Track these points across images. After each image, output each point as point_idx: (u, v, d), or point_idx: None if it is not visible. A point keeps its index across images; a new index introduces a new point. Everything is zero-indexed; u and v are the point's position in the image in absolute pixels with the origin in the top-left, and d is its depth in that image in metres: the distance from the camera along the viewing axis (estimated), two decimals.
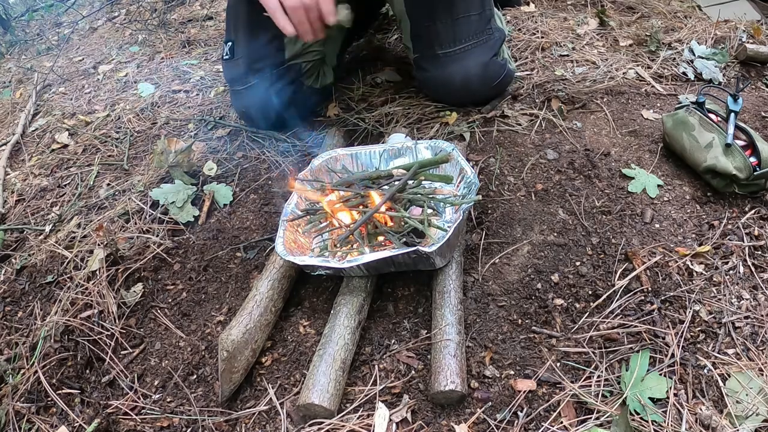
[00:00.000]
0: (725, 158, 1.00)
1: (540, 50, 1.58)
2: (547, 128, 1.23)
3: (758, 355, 0.79)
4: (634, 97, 1.34)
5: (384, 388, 0.81)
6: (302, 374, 0.85)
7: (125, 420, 0.85)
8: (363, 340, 0.88)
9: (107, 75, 2.08)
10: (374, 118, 1.35)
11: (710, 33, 1.60)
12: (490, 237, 1.01)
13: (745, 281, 0.90)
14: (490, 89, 1.29)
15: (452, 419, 0.76)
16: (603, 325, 0.85)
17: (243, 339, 0.82)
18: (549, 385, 0.79)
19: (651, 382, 0.76)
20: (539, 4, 1.95)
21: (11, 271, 1.14)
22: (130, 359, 0.95)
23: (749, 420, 0.71)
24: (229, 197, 1.21)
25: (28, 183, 1.45)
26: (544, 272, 0.94)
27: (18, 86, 2.23)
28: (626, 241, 0.97)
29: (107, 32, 2.67)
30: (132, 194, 1.26)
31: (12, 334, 1.01)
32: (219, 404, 0.84)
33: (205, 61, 1.99)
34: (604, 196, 1.06)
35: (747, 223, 0.99)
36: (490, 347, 0.84)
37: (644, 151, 1.16)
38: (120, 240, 1.13)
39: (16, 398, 0.89)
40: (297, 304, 0.96)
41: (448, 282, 0.88)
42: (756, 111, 1.28)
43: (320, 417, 0.76)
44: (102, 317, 0.99)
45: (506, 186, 1.10)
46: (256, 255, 1.07)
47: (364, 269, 0.87)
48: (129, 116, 1.66)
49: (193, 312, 1.00)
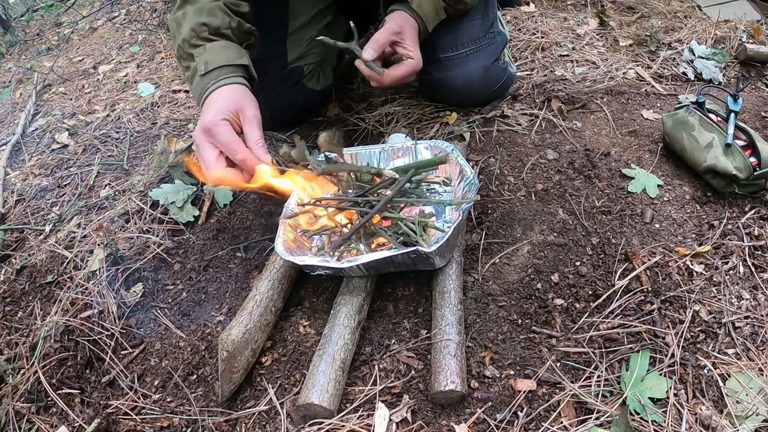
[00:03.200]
0: (725, 158, 1.00)
1: (540, 50, 1.58)
2: (547, 128, 1.23)
3: (758, 355, 0.79)
4: (634, 97, 1.34)
5: (384, 388, 0.81)
6: (302, 374, 0.85)
7: (125, 420, 0.85)
8: (363, 340, 0.88)
9: (107, 75, 2.09)
10: (374, 118, 1.35)
11: (710, 33, 1.60)
12: (490, 237, 1.01)
13: (745, 281, 0.90)
14: (492, 92, 1.29)
15: (452, 419, 0.76)
16: (603, 325, 0.85)
17: (243, 339, 0.82)
18: (549, 385, 0.79)
19: (651, 382, 0.76)
20: (539, 4, 1.95)
21: (11, 271, 1.14)
22: (130, 359, 0.95)
23: (749, 420, 0.71)
24: (229, 197, 1.21)
25: (28, 183, 1.45)
26: (544, 272, 0.94)
27: (18, 86, 2.23)
28: (626, 241, 0.97)
29: (107, 32, 2.67)
30: (132, 194, 1.26)
31: (12, 334, 1.01)
32: (219, 404, 0.84)
33: None
34: (604, 196, 1.06)
35: (747, 223, 0.99)
36: (490, 347, 0.84)
37: (644, 151, 1.16)
38: (120, 240, 1.13)
39: (16, 398, 0.89)
40: (297, 304, 0.96)
41: (448, 282, 0.88)
42: (756, 111, 1.28)
43: (320, 417, 0.76)
44: (102, 317, 0.99)
45: (506, 186, 1.10)
46: (256, 255, 1.07)
47: (364, 269, 0.87)
48: (129, 116, 1.66)
49: (193, 312, 1.00)
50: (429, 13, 1.10)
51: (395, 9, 1.10)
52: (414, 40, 1.07)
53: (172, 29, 1.01)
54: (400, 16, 1.08)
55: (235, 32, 1.01)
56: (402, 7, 1.09)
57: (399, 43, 1.07)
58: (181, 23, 0.98)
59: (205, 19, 0.96)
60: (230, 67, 0.96)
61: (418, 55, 1.07)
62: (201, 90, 0.95)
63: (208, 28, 0.97)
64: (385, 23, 1.07)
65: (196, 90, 0.97)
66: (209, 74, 0.95)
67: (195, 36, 0.96)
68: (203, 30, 0.96)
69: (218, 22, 0.98)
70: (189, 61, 0.98)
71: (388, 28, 1.05)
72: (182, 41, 0.97)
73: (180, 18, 0.98)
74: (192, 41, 0.97)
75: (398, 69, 1.06)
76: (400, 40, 1.06)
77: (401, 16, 1.08)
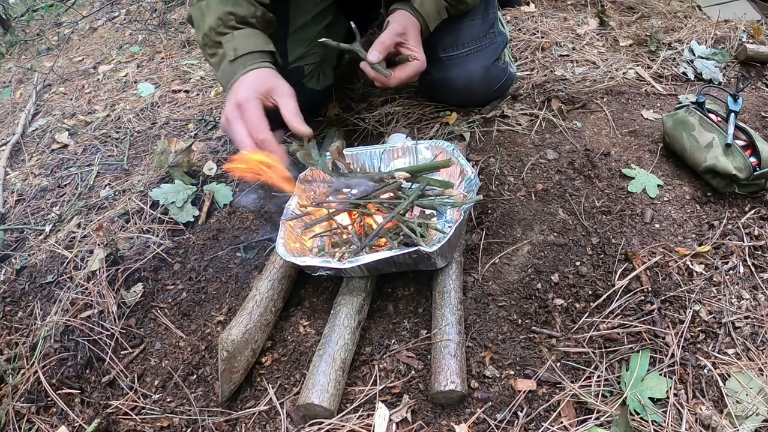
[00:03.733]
0: (725, 158, 1.00)
1: (540, 50, 1.58)
2: (547, 128, 1.23)
3: (758, 355, 0.79)
4: (634, 97, 1.34)
5: (384, 388, 0.81)
6: (302, 374, 0.85)
7: (125, 420, 0.85)
8: (363, 340, 0.88)
9: (107, 75, 2.09)
10: (374, 118, 1.35)
11: (710, 33, 1.60)
12: (490, 237, 1.01)
13: (745, 281, 0.90)
14: (492, 92, 1.30)
15: (452, 419, 0.76)
16: (603, 325, 0.85)
17: (243, 339, 0.82)
18: (549, 385, 0.79)
19: (651, 382, 0.76)
20: (539, 4, 1.95)
21: (11, 271, 1.14)
22: (130, 359, 0.95)
23: (749, 420, 0.71)
24: (229, 197, 1.21)
25: (28, 183, 1.45)
26: (544, 272, 0.94)
27: (18, 86, 2.23)
28: (626, 241, 0.97)
29: (107, 32, 2.67)
30: (132, 194, 1.26)
31: (12, 334, 1.01)
32: (219, 404, 0.84)
33: (205, 61, 1.99)
34: (604, 196, 1.06)
35: (747, 223, 0.99)
36: (490, 347, 0.84)
37: (644, 151, 1.16)
38: (120, 240, 1.13)
39: (16, 398, 0.89)
40: (297, 304, 0.96)
41: (448, 282, 0.88)
42: (756, 111, 1.28)
43: (320, 417, 0.76)
44: (102, 317, 0.99)
45: (506, 186, 1.10)
46: (256, 255, 1.07)
47: (365, 269, 0.87)
48: (129, 116, 1.66)
49: (193, 312, 1.00)
50: (431, 13, 1.10)
51: (397, 8, 1.10)
52: (417, 41, 1.08)
53: (195, 18, 1.05)
54: (403, 16, 1.08)
55: (260, 21, 1.05)
56: (404, 6, 1.09)
57: (403, 43, 1.07)
58: (206, 12, 1.02)
59: (232, 9, 1.01)
60: (259, 53, 1.00)
61: (422, 56, 1.08)
62: (230, 74, 0.99)
63: (235, 17, 1.01)
64: (389, 24, 1.07)
65: (225, 75, 1.01)
66: (239, 60, 0.99)
67: (222, 24, 1.00)
68: (230, 19, 1.00)
69: (244, 11, 1.02)
70: (215, 48, 1.02)
71: (393, 30, 1.05)
72: (208, 29, 1.01)
73: (204, 7, 1.02)
74: (219, 29, 1.01)
75: (404, 70, 1.07)
76: (404, 41, 1.07)
77: (404, 15, 1.08)
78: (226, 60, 1.00)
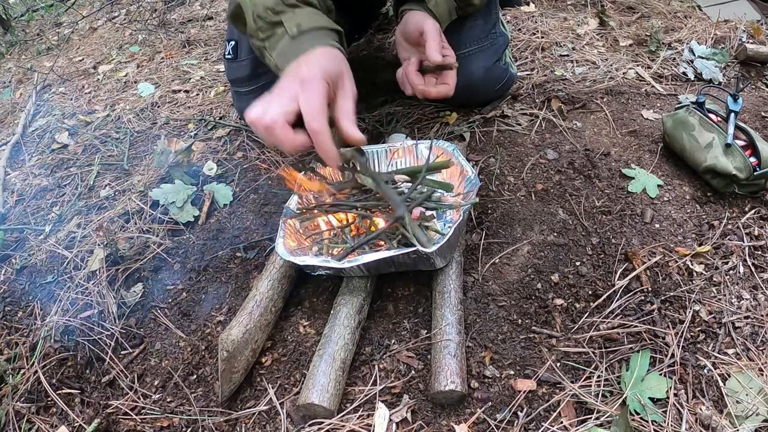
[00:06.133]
0: (725, 158, 1.00)
1: (540, 50, 1.58)
2: (547, 128, 1.23)
3: (758, 355, 0.79)
4: (634, 97, 1.34)
5: (384, 388, 0.81)
6: (302, 374, 0.85)
7: (125, 420, 0.85)
8: (363, 340, 0.88)
9: (107, 75, 2.09)
10: (374, 118, 1.34)
11: (710, 33, 1.60)
12: (490, 237, 1.01)
13: (745, 281, 0.90)
14: (493, 93, 1.29)
15: (452, 419, 0.76)
16: (603, 325, 0.85)
17: (243, 339, 0.82)
18: (549, 385, 0.79)
19: (651, 382, 0.76)
20: (539, 4, 1.95)
21: (11, 271, 1.14)
22: (130, 359, 0.95)
23: (749, 420, 0.71)
24: (229, 197, 1.21)
25: (28, 183, 1.45)
26: (544, 272, 0.94)
27: (18, 86, 2.23)
28: (626, 241, 0.97)
29: (107, 32, 2.67)
30: (132, 194, 1.26)
31: (12, 334, 1.01)
32: (219, 404, 0.84)
33: (205, 61, 1.99)
34: (604, 196, 1.06)
35: (747, 223, 0.99)
36: (490, 347, 0.84)
37: (644, 151, 1.16)
38: (120, 240, 1.13)
39: (16, 398, 0.89)
40: (297, 304, 0.96)
41: (448, 282, 0.88)
42: (756, 111, 1.28)
43: (320, 417, 0.76)
44: (102, 317, 0.99)
45: (506, 186, 1.10)
46: (256, 255, 1.07)
47: (365, 269, 0.87)
48: (129, 116, 1.66)
49: (193, 312, 1.00)
50: (444, 14, 1.07)
51: (411, 9, 1.05)
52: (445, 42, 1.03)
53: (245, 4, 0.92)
54: (422, 16, 1.02)
55: (321, 3, 0.94)
56: (419, 7, 1.05)
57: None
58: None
59: None
60: (326, 30, 0.88)
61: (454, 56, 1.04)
62: (294, 52, 0.84)
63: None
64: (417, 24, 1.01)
65: (286, 54, 0.86)
66: (303, 36, 0.86)
67: (281, 3, 0.88)
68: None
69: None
70: (271, 30, 0.89)
71: (434, 28, 1.00)
72: (264, 10, 0.88)
73: None
74: (277, 8, 0.88)
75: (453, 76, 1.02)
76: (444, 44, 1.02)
77: (423, 16, 1.03)
78: (286, 37, 0.86)
